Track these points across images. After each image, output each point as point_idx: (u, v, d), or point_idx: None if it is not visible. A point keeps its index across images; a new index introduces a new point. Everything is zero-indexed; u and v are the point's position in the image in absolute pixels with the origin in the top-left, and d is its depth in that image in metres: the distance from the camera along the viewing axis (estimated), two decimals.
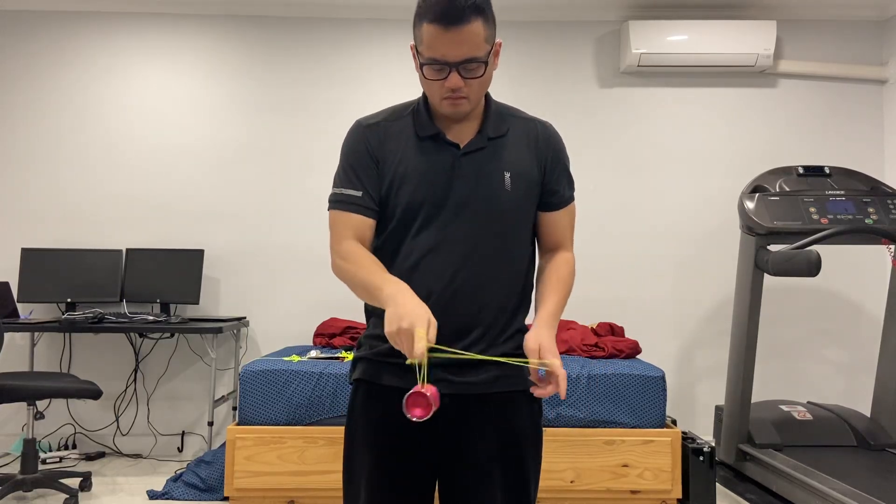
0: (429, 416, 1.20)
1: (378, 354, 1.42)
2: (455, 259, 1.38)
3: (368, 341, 1.46)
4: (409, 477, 1.38)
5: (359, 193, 1.41)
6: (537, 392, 1.28)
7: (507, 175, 1.42)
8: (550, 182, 1.47)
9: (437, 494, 1.44)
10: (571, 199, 1.52)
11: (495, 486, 1.38)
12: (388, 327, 1.20)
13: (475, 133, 1.43)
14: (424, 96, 1.46)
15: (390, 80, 4.33)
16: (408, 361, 1.19)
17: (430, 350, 1.19)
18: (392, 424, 1.38)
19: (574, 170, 4.32)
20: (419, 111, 1.45)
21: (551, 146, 1.48)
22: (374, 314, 1.46)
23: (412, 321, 1.18)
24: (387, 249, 1.43)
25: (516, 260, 1.44)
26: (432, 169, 1.40)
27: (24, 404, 4.00)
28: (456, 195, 1.39)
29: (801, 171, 3.62)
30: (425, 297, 1.36)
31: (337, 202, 1.43)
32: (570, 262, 1.49)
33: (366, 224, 1.41)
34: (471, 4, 1.28)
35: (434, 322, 1.21)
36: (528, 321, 1.48)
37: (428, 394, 1.19)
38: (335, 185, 1.44)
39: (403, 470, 1.38)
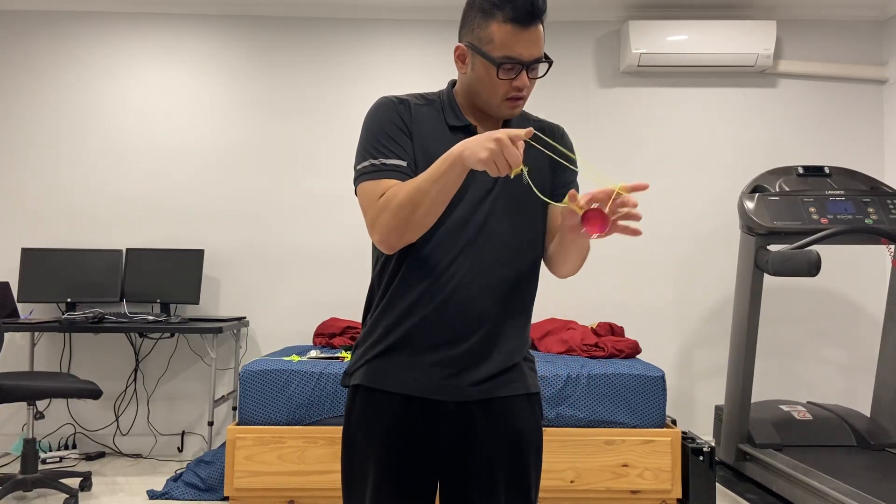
0: (601, 235, 1.19)
1: (383, 359, 1.40)
2: (480, 249, 1.37)
3: (370, 342, 1.43)
4: (413, 481, 1.37)
5: (404, 163, 1.34)
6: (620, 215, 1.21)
7: (526, 170, 1.42)
8: (560, 178, 1.48)
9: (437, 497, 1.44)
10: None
11: (499, 490, 1.38)
12: (483, 153, 1.16)
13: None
14: (450, 89, 1.46)
15: (391, 80, 4.33)
16: (513, 174, 1.16)
17: (528, 146, 1.22)
18: (395, 430, 1.37)
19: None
20: (447, 103, 1.45)
21: (566, 146, 1.51)
22: (380, 311, 1.43)
23: (499, 135, 1.16)
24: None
25: (531, 252, 1.44)
26: None
27: (24, 404, 4.00)
28: (482, 187, 1.39)
29: (800, 171, 3.62)
30: (437, 293, 1.35)
31: (377, 171, 1.33)
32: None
33: None
34: (545, 7, 1.32)
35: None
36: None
37: (606, 213, 1.18)
38: (369, 156, 1.35)
39: (407, 475, 1.37)
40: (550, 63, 1.36)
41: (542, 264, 1.50)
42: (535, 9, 1.30)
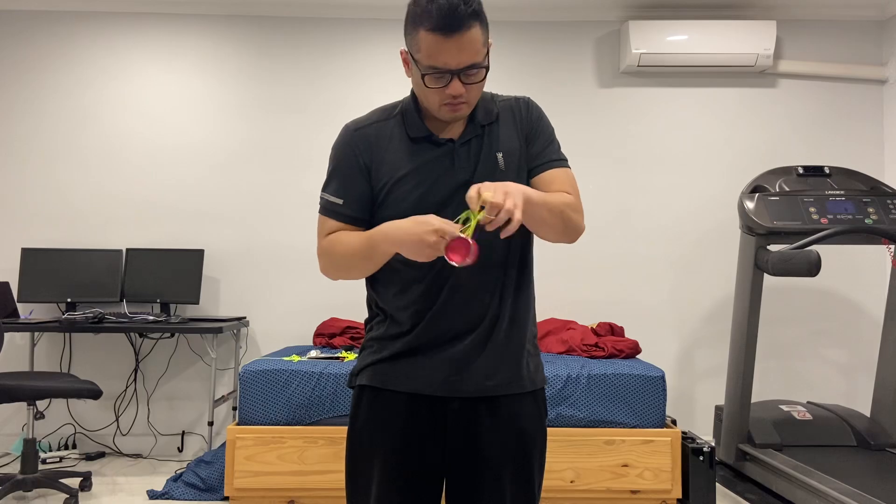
0: (465, 264, 1.22)
1: (388, 359, 1.40)
2: None
3: (376, 344, 1.44)
4: (418, 480, 1.38)
5: (340, 201, 1.42)
6: (488, 227, 1.23)
7: (500, 155, 1.41)
8: (535, 149, 1.44)
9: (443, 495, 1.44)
10: (563, 162, 1.46)
11: (504, 488, 1.38)
12: (418, 255, 1.25)
13: (466, 124, 1.42)
14: (413, 97, 1.44)
15: (388, 79, 4.33)
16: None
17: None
18: (402, 429, 1.37)
19: (574, 170, 4.33)
20: (408, 112, 1.43)
21: (532, 116, 1.46)
22: (382, 313, 1.44)
23: (430, 240, 1.22)
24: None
25: (520, 236, 1.42)
26: (431, 167, 1.39)
27: (24, 404, 4.00)
28: (456, 185, 1.38)
29: (800, 171, 3.62)
30: (437, 292, 1.37)
31: (323, 207, 1.45)
32: (570, 199, 1.39)
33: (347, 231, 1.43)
34: (470, 11, 1.26)
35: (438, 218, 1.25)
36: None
37: (471, 243, 1.21)
38: (323, 188, 1.46)
39: (414, 473, 1.38)
40: (487, 68, 1.33)
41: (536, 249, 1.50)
42: (455, 16, 1.24)
